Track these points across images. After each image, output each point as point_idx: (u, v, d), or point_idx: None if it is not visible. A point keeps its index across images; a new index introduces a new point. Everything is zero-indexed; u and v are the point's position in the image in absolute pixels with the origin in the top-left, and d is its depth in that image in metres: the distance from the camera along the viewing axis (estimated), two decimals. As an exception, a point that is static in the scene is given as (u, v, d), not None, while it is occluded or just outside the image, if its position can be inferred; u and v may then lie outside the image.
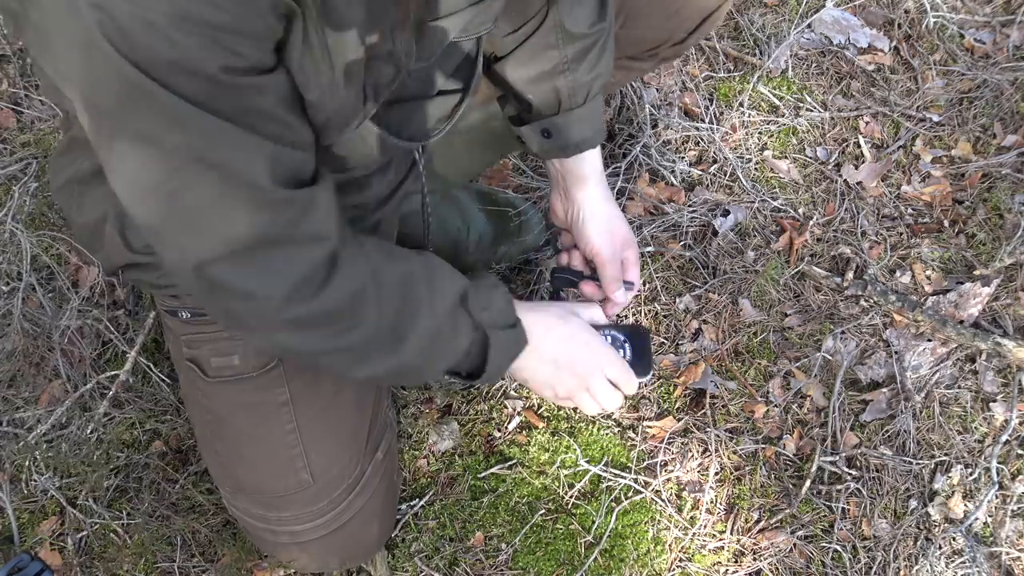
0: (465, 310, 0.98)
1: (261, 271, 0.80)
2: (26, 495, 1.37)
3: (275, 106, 0.75)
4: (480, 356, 1.00)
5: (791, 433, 1.43)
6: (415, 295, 0.93)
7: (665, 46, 1.31)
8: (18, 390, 1.44)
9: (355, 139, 0.90)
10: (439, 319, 0.94)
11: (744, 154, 1.72)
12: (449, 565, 1.34)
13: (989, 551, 1.32)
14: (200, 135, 0.71)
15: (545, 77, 1.13)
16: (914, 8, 1.91)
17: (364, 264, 0.88)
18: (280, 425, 1.09)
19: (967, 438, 1.41)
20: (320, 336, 0.88)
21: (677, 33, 1.29)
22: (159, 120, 0.70)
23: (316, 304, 0.84)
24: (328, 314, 0.86)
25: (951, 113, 1.78)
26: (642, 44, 1.29)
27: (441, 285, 0.96)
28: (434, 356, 0.97)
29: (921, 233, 1.63)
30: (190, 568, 1.33)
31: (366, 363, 0.92)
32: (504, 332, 1.01)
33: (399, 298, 0.91)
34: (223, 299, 0.83)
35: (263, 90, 0.73)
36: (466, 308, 0.98)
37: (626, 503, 1.37)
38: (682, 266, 1.59)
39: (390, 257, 0.93)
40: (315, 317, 0.85)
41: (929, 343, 1.48)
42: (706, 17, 1.27)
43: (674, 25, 1.27)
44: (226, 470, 1.16)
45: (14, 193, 1.57)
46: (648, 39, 1.28)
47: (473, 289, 0.99)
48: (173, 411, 1.43)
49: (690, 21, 1.27)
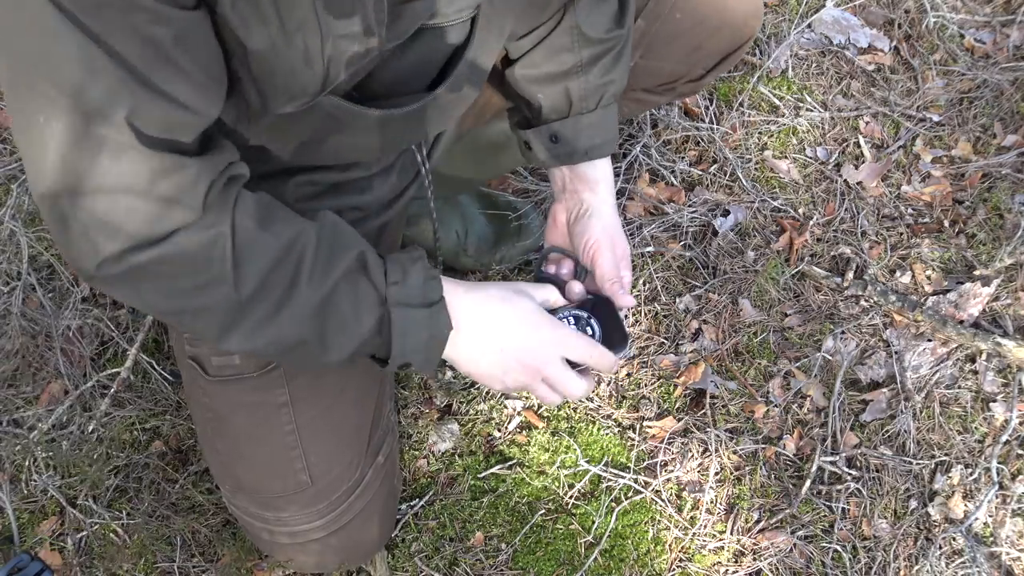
0: (368, 280, 0.88)
1: (96, 218, 0.75)
2: (26, 495, 1.37)
3: (172, 45, 0.68)
4: (388, 337, 0.89)
5: (791, 433, 1.43)
6: (292, 260, 0.84)
7: (681, 82, 1.29)
8: (18, 390, 1.44)
9: (355, 127, 0.88)
10: (326, 289, 0.85)
11: (744, 154, 1.72)
12: (449, 565, 1.34)
13: (989, 551, 1.32)
14: (56, 52, 0.65)
15: (557, 78, 1.09)
16: (914, 8, 1.91)
17: (222, 226, 0.80)
18: (279, 426, 1.09)
19: (967, 438, 1.41)
20: (154, 289, 0.82)
21: (695, 70, 1.27)
22: (24, 26, 0.65)
23: (147, 254, 0.77)
24: (158, 271, 0.79)
25: (951, 113, 1.78)
26: (659, 77, 1.27)
27: (333, 251, 0.87)
28: (328, 333, 0.88)
29: (921, 233, 1.63)
30: (190, 568, 1.33)
31: (233, 331, 0.85)
32: (416, 311, 0.88)
33: (271, 262, 0.83)
34: (63, 233, 0.77)
35: (162, 19, 0.66)
36: (369, 278, 0.88)
37: (626, 503, 1.37)
38: (682, 266, 1.59)
39: (265, 221, 0.84)
40: (142, 269, 0.79)
41: (929, 343, 1.48)
42: (726, 56, 1.26)
43: (693, 61, 1.26)
44: (226, 468, 1.16)
45: (13, 192, 1.57)
46: (665, 73, 1.27)
47: (385, 259, 0.90)
48: (173, 410, 1.43)
49: (709, 59, 1.26)
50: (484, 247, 1.56)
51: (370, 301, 0.88)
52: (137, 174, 0.73)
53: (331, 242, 0.87)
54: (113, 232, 0.76)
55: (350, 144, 0.94)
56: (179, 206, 0.77)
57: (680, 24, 1.21)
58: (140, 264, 0.78)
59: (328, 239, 0.87)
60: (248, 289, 0.82)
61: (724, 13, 1.23)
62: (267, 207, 0.86)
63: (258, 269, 0.82)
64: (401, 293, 0.88)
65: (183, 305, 0.83)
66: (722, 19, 1.23)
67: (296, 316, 0.85)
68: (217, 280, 0.81)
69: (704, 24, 1.22)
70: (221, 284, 0.81)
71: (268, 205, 0.86)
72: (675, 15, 1.21)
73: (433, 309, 0.90)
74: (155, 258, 0.78)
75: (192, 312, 0.84)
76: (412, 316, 0.89)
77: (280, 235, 0.84)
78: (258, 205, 0.84)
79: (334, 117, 0.87)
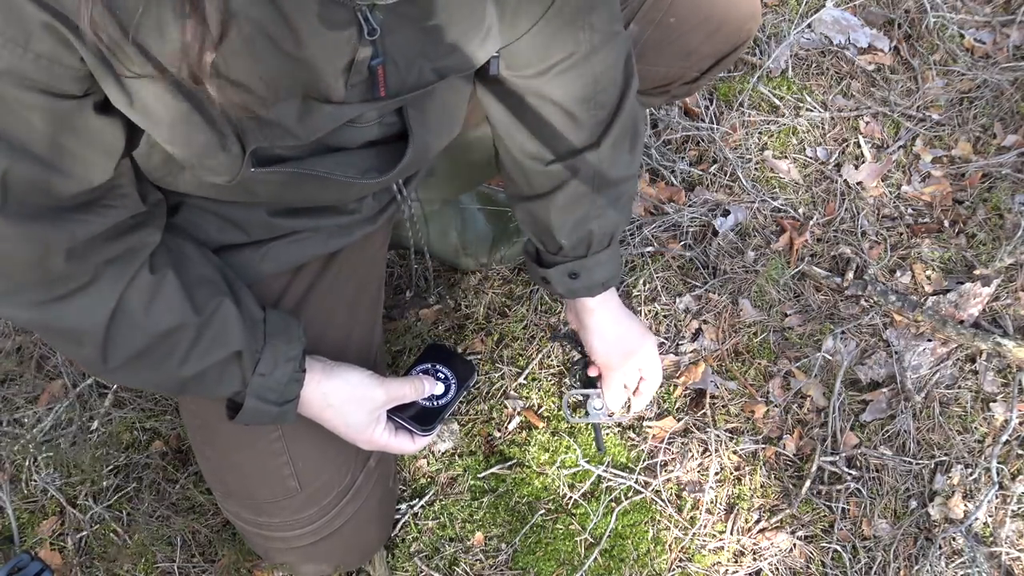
0: (239, 367, 0.95)
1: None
2: (26, 495, 1.37)
3: (47, 125, 0.71)
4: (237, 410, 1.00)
5: (791, 433, 1.43)
6: (165, 347, 0.91)
7: (676, 84, 1.29)
8: (18, 389, 1.44)
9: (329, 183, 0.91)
10: (193, 372, 0.93)
11: (744, 154, 1.72)
12: (449, 565, 1.34)
13: (989, 551, 1.32)
14: None
15: (580, 223, 1.13)
16: (914, 8, 1.91)
17: (104, 304, 0.86)
18: (265, 433, 1.09)
19: (967, 438, 1.41)
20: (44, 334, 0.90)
21: (690, 72, 1.27)
22: None
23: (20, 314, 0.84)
24: (30, 324, 0.88)
25: (951, 113, 1.78)
26: (653, 80, 1.26)
27: (211, 347, 0.93)
28: (188, 390, 0.97)
29: (921, 233, 1.63)
30: (190, 568, 1.33)
31: (103, 376, 0.96)
32: (267, 406, 0.98)
33: (143, 347, 0.89)
34: None
35: (33, 109, 0.70)
36: (240, 366, 0.95)
37: (626, 503, 1.37)
38: (682, 266, 1.59)
39: (151, 307, 0.89)
40: (13, 319, 0.88)
41: (929, 343, 1.48)
42: (721, 59, 1.26)
43: (688, 64, 1.26)
44: (217, 475, 1.16)
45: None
46: (660, 75, 1.26)
47: (263, 346, 0.96)
48: (173, 411, 1.43)
49: (705, 61, 1.26)
50: (483, 246, 1.56)
51: (234, 382, 0.96)
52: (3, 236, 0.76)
53: (212, 336, 0.93)
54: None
55: (321, 193, 0.97)
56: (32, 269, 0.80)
57: (675, 28, 1.20)
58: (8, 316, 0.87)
59: (211, 333, 0.93)
60: (115, 363, 0.89)
61: (721, 16, 1.22)
62: (160, 290, 0.89)
63: (129, 351, 0.89)
64: (263, 385, 0.97)
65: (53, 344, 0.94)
66: (719, 22, 1.22)
67: (159, 383, 0.97)
68: (85, 348, 0.88)
69: (700, 28, 1.21)
70: (88, 352, 0.88)
71: (162, 287, 0.90)
72: (669, 19, 1.20)
73: (283, 408, 0.99)
74: (25, 320, 0.87)
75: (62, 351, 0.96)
76: (262, 409, 0.98)
77: (162, 323, 0.89)
78: (151, 288, 0.89)
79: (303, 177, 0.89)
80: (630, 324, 1.29)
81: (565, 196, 1.10)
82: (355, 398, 1.06)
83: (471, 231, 1.55)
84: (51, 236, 0.78)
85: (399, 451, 1.13)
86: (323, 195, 0.98)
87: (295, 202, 0.99)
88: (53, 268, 0.80)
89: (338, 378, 1.05)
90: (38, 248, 0.78)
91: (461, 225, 1.55)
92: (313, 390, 1.02)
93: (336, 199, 1.02)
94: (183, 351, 0.91)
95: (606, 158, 1.08)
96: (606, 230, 1.15)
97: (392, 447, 1.12)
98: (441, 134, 0.99)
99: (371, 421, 1.08)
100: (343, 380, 1.05)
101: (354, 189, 0.98)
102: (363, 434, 1.08)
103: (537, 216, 1.15)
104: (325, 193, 0.96)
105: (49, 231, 0.78)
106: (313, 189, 0.93)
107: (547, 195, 1.11)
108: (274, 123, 0.79)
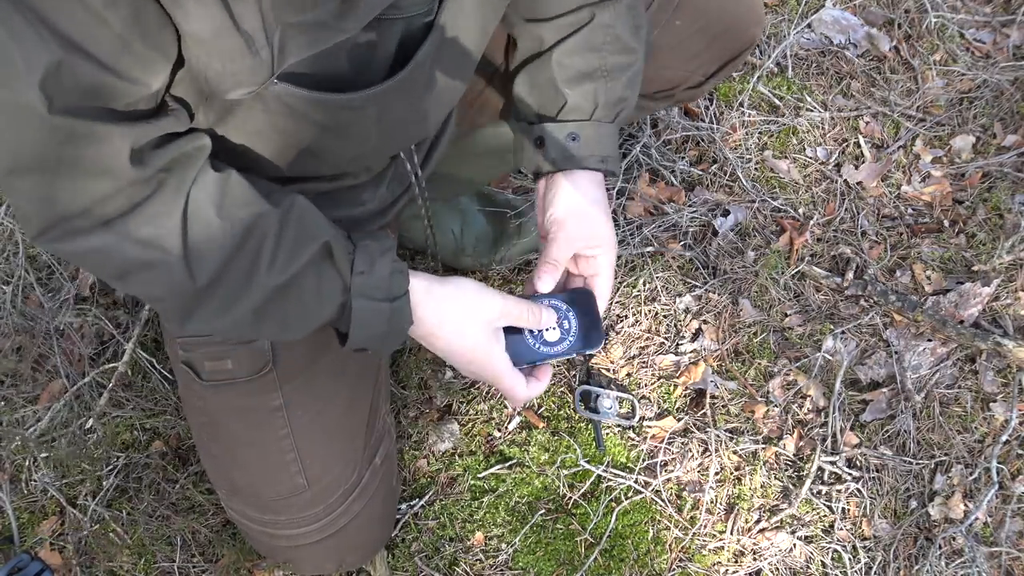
0: (334, 268, 0.87)
1: (28, 194, 0.74)
2: (26, 495, 1.37)
3: (102, 6, 0.65)
4: (348, 322, 0.89)
5: (791, 433, 1.43)
6: (251, 247, 0.82)
7: (681, 88, 1.27)
8: (18, 389, 1.44)
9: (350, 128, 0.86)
10: (287, 276, 0.84)
11: (744, 154, 1.72)
12: (449, 565, 1.34)
13: (989, 551, 1.32)
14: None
15: (586, 77, 1.03)
16: (914, 8, 1.91)
17: (170, 216, 0.79)
18: (274, 430, 1.09)
19: (967, 438, 1.41)
20: (103, 274, 0.81)
21: (694, 76, 1.26)
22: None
23: (93, 239, 0.76)
24: (106, 256, 0.78)
25: (951, 113, 1.78)
26: (657, 84, 1.23)
27: (297, 240, 0.85)
28: (288, 316, 0.87)
29: (921, 233, 1.63)
30: (190, 568, 1.33)
31: (191, 317, 0.84)
32: (378, 304, 0.88)
33: (230, 250, 0.81)
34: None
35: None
36: (335, 266, 0.87)
37: (626, 503, 1.37)
38: (682, 266, 1.59)
39: (224, 206, 0.82)
40: (86, 255, 0.78)
41: (929, 343, 1.48)
42: (726, 63, 1.25)
43: (692, 68, 1.24)
44: (222, 472, 1.16)
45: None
46: (665, 79, 1.24)
47: (354, 248, 0.88)
48: (172, 410, 1.43)
49: (709, 66, 1.25)
50: (483, 246, 1.56)
51: (334, 289, 0.87)
52: (44, 144, 0.70)
53: (296, 229, 0.85)
54: (25, 218, 0.76)
55: (344, 146, 0.92)
56: (98, 177, 0.74)
57: (680, 31, 1.20)
58: (70, 251, 0.78)
59: (293, 225, 0.85)
60: (204, 279, 0.81)
61: (725, 20, 1.22)
62: (227, 186, 0.82)
63: (215, 259, 0.81)
64: (366, 284, 0.87)
65: (136, 290, 0.82)
66: (723, 26, 1.21)
67: (255, 300, 0.84)
68: (169, 267, 0.80)
69: (705, 31, 1.21)
70: (173, 271, 0.80)
71: (229, 183, 0.83)
72: (675, 22, 1.19)
73: (395, 304, 0.89)
74: (86, 249, 0.77)
75: (147, 297, 0.85)
76: (373, 309, 0.88)
77: (238, 221, 0.82)
78: (219, 186, 0.82)
79: (324, 112, 0.84)
80: (607, 218, 1.09)
81: (573, 44, 1.03)
82: (471, 307, 0.95)
83: (471, 231, 1.56)
84: (115, 132, 0.72)
85: (511, 390, 0.99)
86: (342, 136, 0.91)
87: (319, 142, 0.91)
88: (118, 170, 0.74)
89: (449, 284, 0.95)
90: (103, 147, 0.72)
91: (461, 225, 1.55)
92: (423, 299, 0.92)
93: (356, 144, 0.94)
94: (269, 251, 0.83)
95: (622, 16, 1.02)
96: (613, 96, 1.05)
97: (507, 380, 0.98)
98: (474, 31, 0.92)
99: (490, 337, 0.96)
100: (454, 286, 0.95)
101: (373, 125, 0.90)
102: (483, 355, 0.96)
103: (540, 70, 1.05)
104: (346, 131, 0.90)
105: (113, 129, 0.72)
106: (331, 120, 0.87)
107: (555, 45, 1.03)
108: (317, 23, 0.74)
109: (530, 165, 1.08)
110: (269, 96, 0.79)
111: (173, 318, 0.86)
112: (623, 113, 1.08)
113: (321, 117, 0.85)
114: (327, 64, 0.79)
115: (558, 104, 1.05)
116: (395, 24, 0.82)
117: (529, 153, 1.07)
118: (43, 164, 0.71)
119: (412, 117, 0.96)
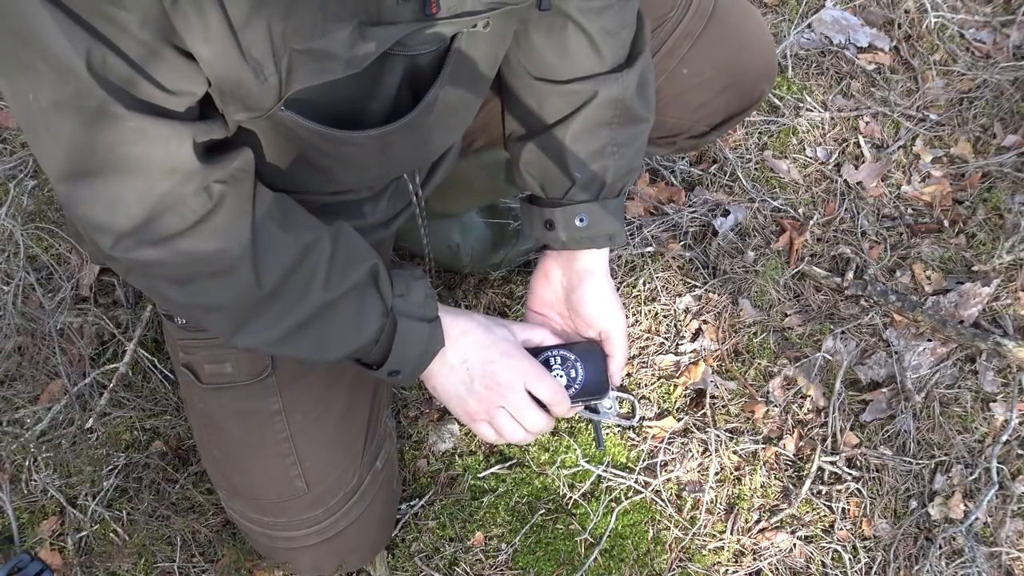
0: (377, 291, 0.91)
1: (95, 198, 0.74)
2: (26, 495, 1.37)
3: (140, 27, 0.66)
4: (385, 345, 0.93)
5: (791, 433, 1.43)
6: (309, 263, 0.86)
7: (683, 137, 1.24)
8: (18, 389, 1.44)
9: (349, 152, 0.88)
10: (336, 295, 0.88)
11: (744, 154, 1.72)
12: (449, 565, 1.34)
13: (989, 551, 1.32)
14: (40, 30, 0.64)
15: (597, 155, 1.03)
16: (914, 8, 1.91)
17: (240, 227, 0.81)
18: (273, 434, 1.09)
19: (967, 438, 1.41)
20: (167, 283, 0.82)
21: (698, 126, 1.23)
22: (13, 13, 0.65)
23: (165, 248, 0.78)
24: (176, 263, 0.80)
25: (951, 113, 1.78)
26: (660, 130, 1.20)
27: (348, 261, 0.89)
28: (331, 336, 0.90)
29: (921, 233, 1.63)
30: (190, 568, 1.33)
31: (246, 327, 0.86)
32: (417, 324, 0.93)
33: (292, 262, 0.85)
34: (76, 220, 0.77)
35: (125, 5, 0.65)
36: (378, 289, 0.91)
37: (626, 503, 1.37)
38: (682, 266, 1.59)
39: (286, 222, 0.85)
40: (160, 263, 0.79)
41: (929, 343, 1.48)
42: (731, 116, 1.22)
43: (697, 118, 1.21)
44: (222, 474, 1.16)
45: (11, 191, 1.57)
46: (667, 126, 1.21)
47: (391, 273, 0.94)
48: (173, 410, 1.43)
49: (714, 117, 1.21)
50: (483, 252, 1.56)
51: (376, 310, 0.92)
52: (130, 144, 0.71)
53: (347, 250, 0.90)
54: (98, 228, 0.76)
55: (346, 170, 0.93)
56: (173, 175, 0.75)
57: (686, 80, 1.16)
58: (143, 261, 0.79)
59: (344, 246, 0.90)
60: (270, 285, 0.84)
61: (735, 73, 1.17)
62: (286, 207, 0.87)
63: (280, 267, 0.85)
64: (405, 306, 0.93)
65: (197, 298, 0.84)
66: (731, 79, 1.17)
67: (303, 314, 0.88)
68: (237, 274, 0.82)
69: (712, 82, 1.17)
70: (241, 278, 0.83)
71: (286, 205, 0.87)
72: (682, 71, 1.16)
73: (432, 325, 0.95)
74: (155, 259, 0.78)
75: (204, 306, 0.85)
76: (415, 328, 0.94)
77: (299, 238, 0.86)
78: (277, 204, 0.86)
79: (327, 142, 0.85)
80: (616, 296, 1.14)
81: (582, 122, 1.01)
82: (490, 323, 1.02)
83: (471, 236, 1.55)
84: (180, 130, 0.74)
85: (549, 391, 1.00)
86: (344, 164, 0.92)
87: (322, 164, 0.92)
88: (182, 164, 0.75)
89: (463, 315, 1.01)
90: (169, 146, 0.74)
91: (461, 231, 1.55)
92: (450, 318, 0.98)
93: (357, 171, 0.96)
94: (324, 268, 0.87)
95: (631, 86, 1.00)
96: (620, 172, 1.05)
97: (548, 378, 1.01)
98: (475, 87, 0.94)
99: (518, 344, 1.02)
100: (467, 316, 1.01)
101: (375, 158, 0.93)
102: (518, 351, 1.00)
103: (548, 149, 1.05)
104: (348, 159, 0.91)
105: (178, 126, 0.73)
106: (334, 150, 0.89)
107: (563, 121, 1.02)
108: (325, 53, 0.75)
109: (539, 239, 1.10)
110: (274, 120, 0.81)
111: (226, 328, 0.88)
112: (631, 180, 1.08)
113: (324, 146, 0.87)
114: (332, 94, 0.81)
115: (565, 187, 1.05)
116: (401, 60, 0.84)
117: (539, 232, 1.09)
118: (104, 164, 0.72)
119: (416, 150, 0.98)
